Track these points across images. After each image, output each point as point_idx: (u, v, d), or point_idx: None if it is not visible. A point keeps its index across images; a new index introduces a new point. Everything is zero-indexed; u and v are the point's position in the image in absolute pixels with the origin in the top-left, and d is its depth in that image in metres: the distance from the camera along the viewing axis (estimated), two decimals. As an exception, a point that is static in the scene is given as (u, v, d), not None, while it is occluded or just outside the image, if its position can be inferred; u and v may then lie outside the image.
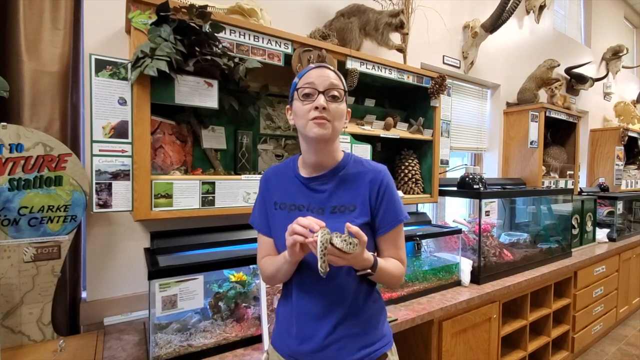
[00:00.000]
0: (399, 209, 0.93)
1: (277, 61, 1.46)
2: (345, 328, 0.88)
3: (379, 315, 0.96)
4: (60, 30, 1.29)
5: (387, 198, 0.90)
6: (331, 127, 0.86)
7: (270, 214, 0.96)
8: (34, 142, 1.16)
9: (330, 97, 0.86)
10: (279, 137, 1.79)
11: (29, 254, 1.18)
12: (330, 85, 0.86)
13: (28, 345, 1.20)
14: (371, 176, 0.91)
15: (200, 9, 1.20)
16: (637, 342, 2.87)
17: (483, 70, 2.95)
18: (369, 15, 1.84)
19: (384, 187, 0.91)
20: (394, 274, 0.91)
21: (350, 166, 0.93)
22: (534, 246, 2.44)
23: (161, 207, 1.21)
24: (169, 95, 1.20)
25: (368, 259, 0.83)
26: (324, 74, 0.87)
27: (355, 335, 0.88)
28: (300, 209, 0.91)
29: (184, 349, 1.12)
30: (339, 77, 0.90)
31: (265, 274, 0.96)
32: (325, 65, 0.91)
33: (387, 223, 0.91)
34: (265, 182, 1.00)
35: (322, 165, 0.92)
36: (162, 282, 1.08)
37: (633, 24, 5.38)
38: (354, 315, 0.89)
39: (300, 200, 0.92)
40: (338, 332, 0.87)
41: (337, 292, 0.89)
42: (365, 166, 0.94)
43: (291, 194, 0.94)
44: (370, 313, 0.92)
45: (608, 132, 3.99)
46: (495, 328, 1.86)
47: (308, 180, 0.93)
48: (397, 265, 0.93)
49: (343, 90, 0.89)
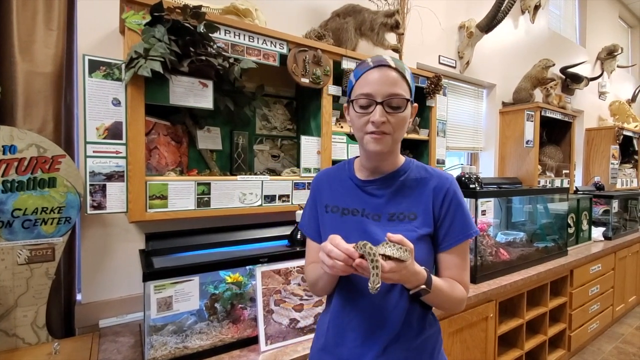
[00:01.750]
0: (468, 222, 0.81)
1: (272, 61, 1.46)
2: (396, 352, 0.79)
3: (435, 341, 0.86)
4: (53, 30, 1.29)
5: (454, 208, 0.80)
6: (391, 140, 0.77)
7: (320, 218, 0.90)
8: (27, 143, 1.15)
9: (390, 107, 0.75)
10: (275, 137, 1.79)
11: (22, 256, 1.17)
12: (390, 95, 0.75)
13: (22, 348, 1.19)
14: (435, 183, 0.82)
15: (194, 9, 1.19)
16: (634, 340, 2.89)
17: (479, 70, 2.96)
18: (364, 15, 1.84)
19: (451, 195, 0.81)
20: (454, 297, 0.79)
21: (413, 171, 0.84)
22: (530, 245, 2.45)
23: (156, 208, 1.20)
24: (163, 95, 1.20)
25: (420, 273, 0.72)
26: (383, 80, 0.75)
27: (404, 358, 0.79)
28: (355, 214, 0.83)
29: (179, 350, 1.11)
30: (403, 77, 0.77)
31: (308, 281, 0.91)
32: (386, 63, 0.77)
33: (453, 237, 0.80)
34: (316, 184, 0.93)
35: (379, 170, 0.84)
36: (157, 283, 1.07)
37: (628, 23, 5.41)
38: (406, 339, 0.80)
39: (355, 204, 0.84)
40: (387, 357, 0.78)
41: (385, 311, 0.79)
42: (430, 172, 0.85)
43: (344, 197, 0.86)
44: (425, 337, 0.82)
45: (603, 131, 4.01)
46: (492, 327, 1.86)
47: (364, 183, 0.85)
48: (457, 287, 0.81)
49: (405, 97, 0.77)
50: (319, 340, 0.90)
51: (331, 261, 0.67)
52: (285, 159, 1.81)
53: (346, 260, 0.66)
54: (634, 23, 5.48)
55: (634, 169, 4.38)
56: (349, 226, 0.83)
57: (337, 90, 1.63)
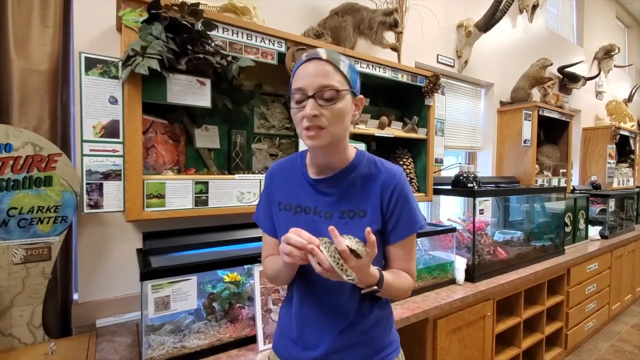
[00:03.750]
0: (414, 217, 0.84)
1: (270, 60, 1.45)
2: (349, 337, 0.83)
3: (387, 321, 0.91)
4: (49, 28, 1.27)
5: (401, 204, 0.82)
6: (328, 134, 0.75)
7: (274, 214, 0.91)
8: (23, 141, 1.14)
9: (323, 99, 0.74)
10: (273, 136, 1.78)
11: (18, 255, 1.16)
12: (320, 87, 0.73)
13: (19, 348, 1.18)
14: (384, 179, 0.82)
15: (192, 7, 1.18)
16: (630, 338, 2.91)
17: (477, 69, 2.96)
18: (363, 13, 1.84)
19: (398, 192, 0.82)
20: (402, 288, 0.84)
21: (363, 167, 0.84)
22: (528, 244, 2.46)
23: (153, 207, 1.20)
24: (160, 94, 1.19)
25: (373, 275, 0.75)
26: (315, 72, 0.74)
27: (360, 344, 0.84)
28: (307, 212, 0.84)
29: (177, 350, 1.11)
30: (336, 68, 0.75)
31: (267, 275, 0.94)
32: (317, 56, 0.76)
33: (400, 232, 0.83)
34: (269, 179, 0.93)
35: (329, 167, 0.84)
36: (154, 283, 1.07)
37: (625, 23, 5.44)
38: (359, 323, 0.84)
39: (307, 202, 0.85)
40: (341, 341, 0.83)
41: (340, 300, 0.83)
42: (379, 167, 0.85)
43: (297, 195, 0.86)
44: (376, 320, 0.87)
45: (600, 131, 4.03)
46: (490, 326, 1.87)
47: (315, 182, 0.85)
48: (405, 278, 0.85)
49: (337, 89, 0.74)
50: (281, 329, 0.94)
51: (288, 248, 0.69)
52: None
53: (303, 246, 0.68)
54: (630, 23, 5.50)
55: (631, 169, 4.40)
56: (302, 225, 0.80)
57: (336, 89, 1.62)
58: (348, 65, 0.79)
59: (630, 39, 5.58)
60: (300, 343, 0.86)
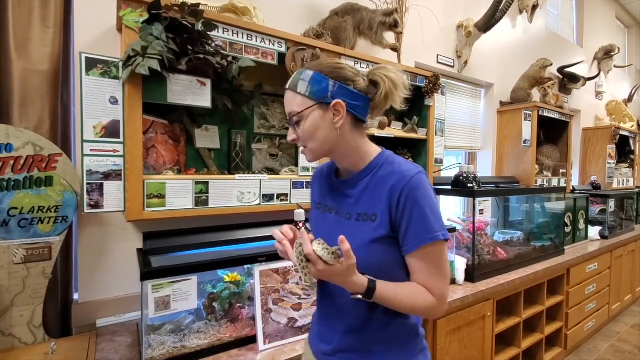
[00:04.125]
0: (427, 226, 0.75)
1: (270, 60, 1.45)
2: (354, 342, 0.83)
3: (404, 340, 0.84)
4: (50, 28, 1.28)
5: (410, 209, 0.74)
6: (308, 150, 0.82)
7: (311, 212, 0.99)
8: (23, 142, 1.15)
9: (295, 124, 0.81)
10: (274, 136, 1.78)
11: (19, 255, 1.17)
12: (290, 115, 0.81)
13: (19, 348, 1.18)
14: (394, 181, 0.77)
15: (192, 7, 1.19)
16: (629, 338, 2.91)
17: (477, 69, 2.96)
18: (363, 14, 1.84)
19: (406, 195, 0.75)
20: (408, 303, 0.76)
21: (381, 169, 0.81)
22: (528, 244, 2.46)
23: (154, 207, 1.20)
24: (161, 94, 1.19)
25: (359, 283, 0.72)
26: (286, 101, 0.82)
27: (366, 353, 0.82)
28: (331, 211, 0.87)
29: (177, 350, 1.11)
30: (294, 92, 0.79)
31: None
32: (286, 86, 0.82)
33: (410, 241, 0.76)
34: (312, 180, 1.02)
35: (348, 170, 0.86)
36: (155, 283, 1.07)
37: (624, 23, 5.44)
38: (366, 331, 0.82)
39: (333, 202, 0.88)
40: (347, 343, 0.84)
41: (347, 304, 0.82)
42: (394, 168, 0.80)
43: (327, 195, 0.91)
44: (388, 333, 0.82)
45: (600, 131, 4.03)
46: (490, 326, 1.87)
47: (338, 183, 0.88)
48: (418, 294, 0.76)
49: (301, 110, 0.78)
50: (313, 322, 1.00)
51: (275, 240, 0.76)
52: (284, 158, 1.81)
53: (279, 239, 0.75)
54: (630, 23, 5.51)
55: (630, 169, 4.40)
56: (328, 223, 0.87)
57: (336, 89, 1.63)
58: (309, 82, 0.77)
59: (630, 39, 5.58)
60: (320, 336, 0.91)
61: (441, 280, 0.78)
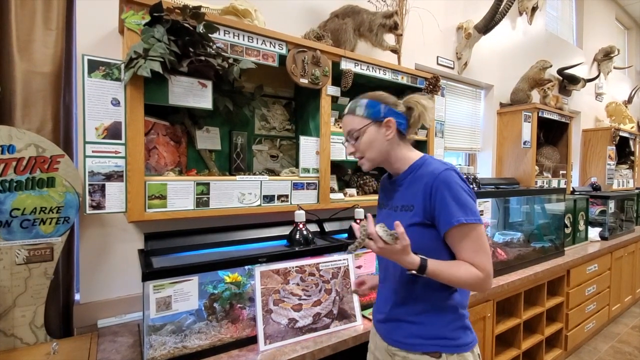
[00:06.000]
0: (452, 212, 0.90)
1: (271, 62, 1.46)
2: (400, 313, 1.01)
3: (443, 318, 0.98)
4: (52, 30, 1.28)
5: (439, 200, 0.92)
6: (365, 160, 1.03)
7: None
8: (25, 143, 1.15)
9: (353, 139, 1.03)
10: (274, 137, 1.79)
11: (21, 256, 1.17)
12: (348, 134, 1.04)
13: (21, 348, 1.19)
14: (427, 179, 0.95)
15: (193, 10, 1.19)
16: (629, 339, 2.91)
17: (476, 71, 2.97)
18: (363, 16, 1.85)
19: (435, 189, 0.92)
20: (457, 276, 0.90)
21: (422, 169, 1.00)
22: (528, 245, 2.46)
23: (155, 208, 1.21)
24: (162, 96, 1.20)
25: (412, 262, 0.88)
26: (344, 125, 1.05)
27: (409, 323, 0.99)
28: (386, 207, 1.09)
29: (178, 350, 1.11)
30: (353, 115, 1.02)
31: None
32: (343, 114, 1.06)
33: (443, 224, 0.92)
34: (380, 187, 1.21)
35: (395, 173, 1.07)
36: (156, 283, 1.07)
37: (624, 25, 5.45)
38: (407, 304, 1.00)
39: (386, 199, 1.10)
40: (394, 313, 1.02)
41: (398, 279, 1.01)
42: (429, 168, 0.98)
43: (383, 196, 1.14)
44: (427, 308, 0.98)
45: (600, 132, 4.04)
46: (490, 327, 1.87)
47: (390, 183, 1.10)
48: (465, 268, 0.91)
49: (360, 127, 1.01)
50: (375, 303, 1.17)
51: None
52: (284, 159, 1.82)
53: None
54: (630, 25, 5.52)
55: (630, 170, 4.41)
56: (383, 216, 1.09)
57: (336, 90, 1.64)
58: (365, 106, 1.02)
59: (630, 41, 5.59)
60: (377, 307, 1.12)
61: (480, 256, 0.92)
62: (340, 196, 1.70)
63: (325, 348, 1.22)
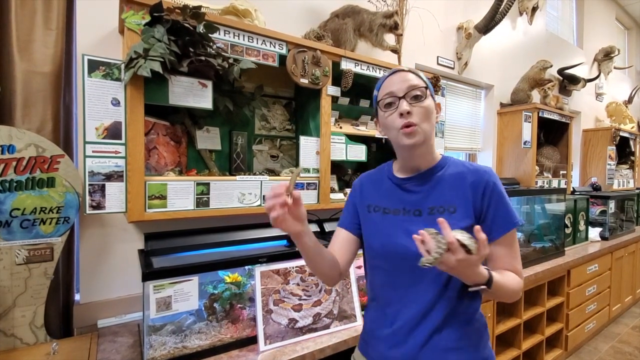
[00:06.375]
0: (511, 213, 0.84)
1: (271, 62, 1.46)
2: (442, 339, 0.82)
3: (482, 333, 0.88)
4: (52, 30, 1.28)
5: (496, 200, 0.83)
6: (421, 131, 0.82)
7: (363, 217, 0.96)
8: (25, 143, 1.15)
9: (412, 98, 0.83)
10: (274, 137, 1.79)
11: (21, 256, 1.17)
12: (409, 88, 0.83)
13: (21, 348, 1.18)
14: (474, 177, 0.85)
15: (194, 10, 1.19)
16: (630, 339, 2.91)
17: (477, 71, 2.97)
18: (363, 16, 1.85)
19: (491, 187, 0.83)
20: (511, 289, 0.81)
21: (450, 167, 0.89)
22: (528, 245, 2.46)
23: (155, 208, 1.20)
24: (162, 96, 1.20)
25: (482, 274, 0.73)
26: (401, 78, 0.85)
27: (456, 350, 0.82)
28: (396, 213, 0.88)
29: (178, 350, 1.11)
30: (418, 76, 0.86)
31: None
32: (400, 68, 0.89)
33: (499, 228, 0.83)
34: (359, 186, 1.00)
35: (417, 168, 0.89)
36: (156, 283, 1.07)
37: (624, 25, 5.45)
38: (452, 326, 0.83)
39: (394, 204, 0.89)
40: (434, 342, 0.82)
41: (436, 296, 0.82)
42: (467, 167, 0.88)
43: (384, 197, 0.92)
44: (469, 330, 0.85)
45: (600, 132, 4.04)
46: (490, 327, 1.87)
47: (403, 180, 0.90)
48: (513, 279, 0.83)
49: (425, 87, 0.85)
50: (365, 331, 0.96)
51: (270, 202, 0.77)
52: (284, 159, 1.82)
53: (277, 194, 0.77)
54: (630, 25, 5.51)
55: (631, 170, 4.40)
56: (391, 224, 0.88)
57: (336, 90, 1.64)
58: (426, 77, 0.88)
59: (630, 41, 5.59)
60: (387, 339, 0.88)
61: (519, 261, 0.87)
62: (341, 196, 1.70)
63: (326, 348, 1.21)
